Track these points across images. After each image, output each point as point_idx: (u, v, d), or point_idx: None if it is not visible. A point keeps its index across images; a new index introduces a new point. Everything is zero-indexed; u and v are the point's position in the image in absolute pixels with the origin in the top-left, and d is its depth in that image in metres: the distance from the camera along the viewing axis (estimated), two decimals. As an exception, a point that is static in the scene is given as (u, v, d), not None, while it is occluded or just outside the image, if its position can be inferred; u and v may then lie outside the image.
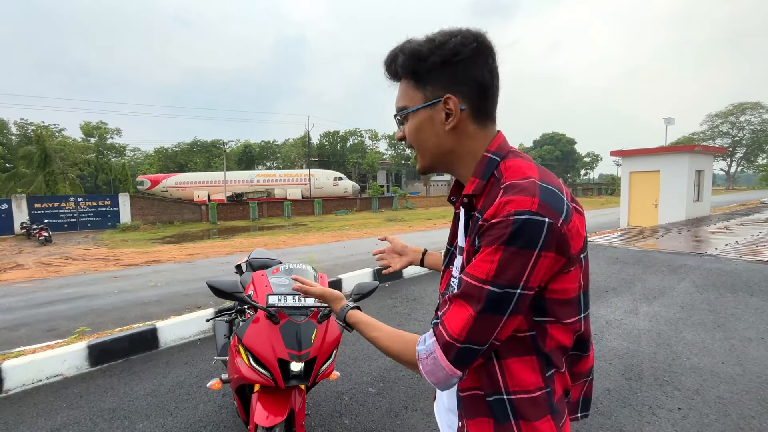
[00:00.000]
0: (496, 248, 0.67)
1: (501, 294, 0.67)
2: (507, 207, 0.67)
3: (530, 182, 0.70)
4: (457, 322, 0.70)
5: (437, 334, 0.73)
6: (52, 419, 2.72)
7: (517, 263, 0.66)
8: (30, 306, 6.88)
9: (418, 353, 0.75)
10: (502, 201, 0.68)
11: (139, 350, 3.73)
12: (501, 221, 0.67)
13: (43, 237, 17.42)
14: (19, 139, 36.47)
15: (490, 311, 0.68)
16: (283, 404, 1.69)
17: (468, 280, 0.70)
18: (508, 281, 0.67)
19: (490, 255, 0.67)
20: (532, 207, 0.66)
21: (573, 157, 71.58)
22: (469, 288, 0.69)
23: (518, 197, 0.67)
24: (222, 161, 39.41)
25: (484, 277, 0.68)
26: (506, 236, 0.66)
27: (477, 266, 0.69)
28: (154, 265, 11.00)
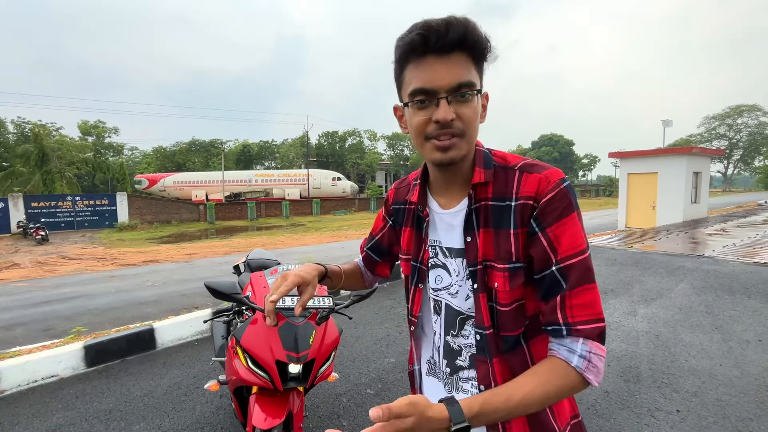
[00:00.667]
0: (573, 216, 0.70)
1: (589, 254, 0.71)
2: (552, 178, 0.71)
3: (534, 161, 0.77)
4: (596, 304, 0.68)
5: (584, 332, 0.67)
6: (47, 420, 2.69)
7: (581, 221, 0.72)
8: (26, 305, 6.84)
9: (579, 368, 0.66)
10: (542, 176, 0.72)
11: (136, 351, 3.71)
12: (556, 193, 0.70)
13: (39, 236, 17.33)
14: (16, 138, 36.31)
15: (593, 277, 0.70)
16: (281, 406, 1.68)
17: (577, 261, 0.68)
18: (587, 241, 0.72)
19: (574, 224, 0.70)
20: (563, 175, 0.73)
21: (571, 159, 71.78)
22: (581, 265, 0.68)
23: (549, 169, 0.73)
24: (220, 161, 39.32)
25: (585, 244, 0.70)
26: (572, 201, 0.70)
27: (572, 239, 0.69)
28: (152, 264, 10.96)
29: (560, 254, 0.69)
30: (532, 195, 0.71)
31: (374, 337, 3.86)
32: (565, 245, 0.69)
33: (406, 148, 53.91)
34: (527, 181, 0.72)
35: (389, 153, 53.95)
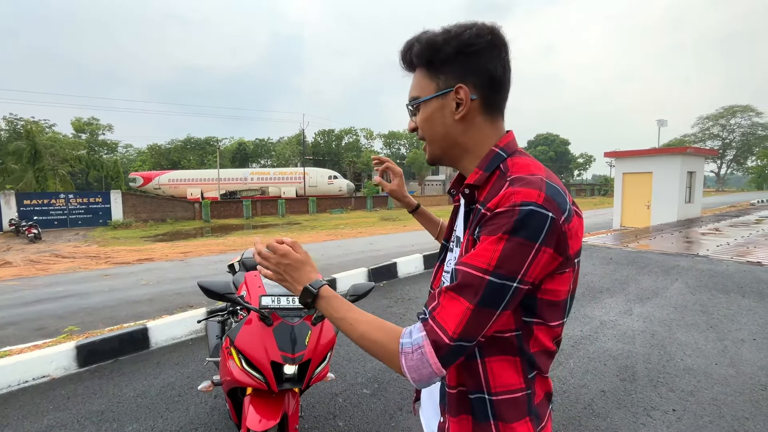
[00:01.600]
0: (500, 237, 0.65)
1: (500, 285, 0.65)
2: (513, 197, 0.67)
3: (537, 178, 0.70)
4: (453, 317, 0.66)
5: (428, 329, 0.68)
6: (38, 422, 2.65)
7: (519, 254, 0.65)
8: (18, 304, 6.75)
9: (402, 346, 0.70)
10: (509, 192, 0.68)
11: (129, 351, 3.66)
12: (506, 210, 0.66)
13: (32, 234, 17.14)
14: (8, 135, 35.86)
15: (486, 304, 0.65)
16: (276, 408, 1.65)
17: (467, 270, 0.67)
18: (508, 271, 0.65)
19: (492, 244, 0.66)
20: (538, 200, 0.66)
21: (567, 158, 72.10)
22: (467, 278, 0.66)
23: (525, 189, 0.67)
24: (216, 159, 39.08)
25: (485, 266, 0.65)
26: (511, 225, 0.65)
27: (478, 255, 0.67)
28: (146, 263, 10.86)
29: (465, 258, 0.69)
30: (492, 206, 0.69)
31: (370, 337, 3.84)
32: (472, 253, 0.68)
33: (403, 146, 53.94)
34: (501, 193, 0.69)
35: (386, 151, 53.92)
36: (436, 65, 0.78)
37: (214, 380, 2.00)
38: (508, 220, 0.65)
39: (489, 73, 0.76)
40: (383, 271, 6.03)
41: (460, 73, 0.76)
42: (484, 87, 0.77)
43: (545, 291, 0.70)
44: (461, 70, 0.76)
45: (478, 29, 0.75)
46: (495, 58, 0.76)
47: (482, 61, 0.76)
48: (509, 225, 0.65)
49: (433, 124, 0.80)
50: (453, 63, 0.76)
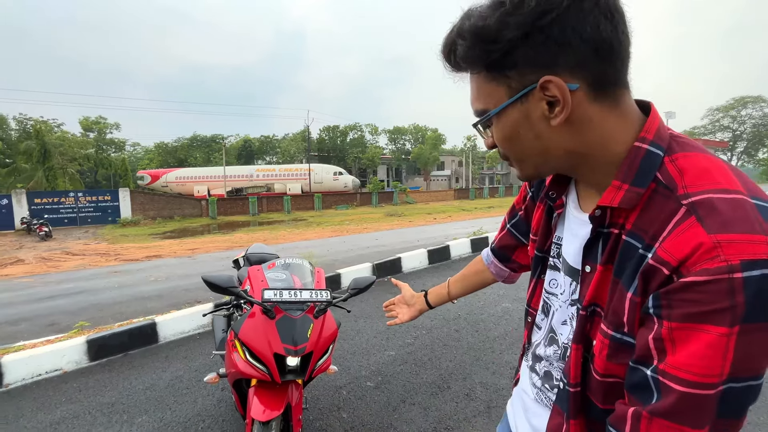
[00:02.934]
0: (726, 333, 0.41)
1: (742, 388, 0.43)
2: (720, 253, 0.42)
3: (740, 201, 0.44)
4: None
5: None
6: (51, 413, 2.73)
7: (763, 344, 0.42)
8: (30, 301, 6.90)
9: None
10: (706, 241, 0.43)
11: (138, 345, 3.74)
12: (714, 281, 0.41)
13: (43, 232, 17.44)
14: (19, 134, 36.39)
15: (727, 414, 0.44)
16: (279, 398, 1.69)
17: (683, 390, 0.44)
18: (750, 371, 0.43)
19: (716, 342, 0.42)
20: (755, 254, 0.41)
21: (574, 152, 71.54)
22: (688, 401, 0.44)
23: (735, 235, 0.42)
24: (222, 156, 39.31)
25: (716, 378, 0.43)
26: (739, 308, 0.41)
27: (692, 362, 0.43)
28: (155, 260, 11.02)
29: (666, 363, 0.45)
30: (673, 261, 0.45)
31: (374, 331, 3.88)
32: (679, 358, 0.44)
33: (408, 142, 53.78)
34: (684, 234, 0.45)
35: (391, 147, 53.83)
36: (498, 62, 0.52)
37: (220, 372, 2.05)
38: (728, 298, 0.41)
39: (590, 40, 0.49)
40: (388, 266, 6.05)
41: (540, 58, 0.50)
42: (587, 64, 0.50)
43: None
44: (542, 54, 0.50)
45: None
46: (591, 13, 0.48)
47: (571, 27, 0.48)
48: (737, 308, 0.41)
49: (519, 140, 0.56)
50: (525, 49, 0.50)
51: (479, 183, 55.38)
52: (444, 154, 52.97)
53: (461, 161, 53.26)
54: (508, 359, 3.16)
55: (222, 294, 1.75)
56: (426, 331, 3.80)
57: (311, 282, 1.96)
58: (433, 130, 50.46)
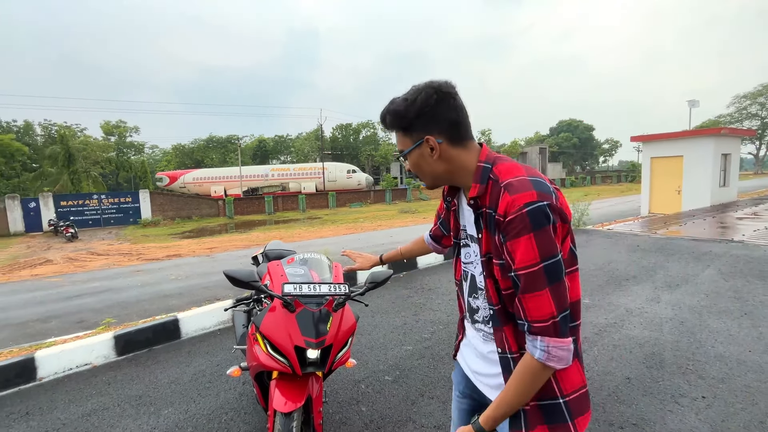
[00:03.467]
0: (528, 237, 0.85)
1: (553, 263, 0.86)
2: (516, 203, 0.87)
3: (524, 178, 0.91)
4: (544, 307, 0.86)
5: (537, 330, 0.87)
6: (83, 405, 2.84)
7: (546, 236, 0.86)
8: (59, 299, 7.17)
9: (540, 359, 0.87)
10: (509, 200, 0.88)
11: (162, 340, 3.85)
12: (517, 216, 0.86)
13: (69, 233, 18.05)
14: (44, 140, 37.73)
15: (554, 280, 0.86)
16: (300, 391, 1.72)
17: (525, 272, 0.87)
18: (550, 252, 0.86)
19: (527, 243, 0.86)
20: (533, 198, 0.86)
21: (591, 144, 69.72)
22: (529, 277, 0.86)
23: (521, 193, 0.87)
24: (237, 156, 39.93)
25: (536, 261, 0.85)
26: (529, 225, 0.85)
27: (523, 258, 0.86)
28: (175, 259, 11.30)
29: (515, 264, 0.88)
30: (501, 213, 0.90)
31: (391, 326, 3.89)
32: (518, 259, 0.87)
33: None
34: (503, 200, 0.90)
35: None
36: (406, 127, 1.02)
37: (242, 366, 2.09)
38: (524, 222, 0.85)
39: (446, 120, 0.98)
40: (403, 261, 6.06)
41: (424, 127, 0.99)
42: (446, 131, 0.99)
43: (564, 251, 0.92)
44: (424, 125, 0.99)
45: (426, 93, 0.97)
46: (446, 108, 0.98)
47: (437, 114, 0.98)
48: (528, 225, 0.85)
49: (420, 167, 1.05)
50: (417, 122, 0.99)
51: (494, 178, 54.53)
52: (458, 149, 52.40)
53: (475, 156, 52.57)
54: (527, 354, 3.13)
55: (243, 288, 1.78)
56: (443, 326, 3.80)
57: (329, 276, 1.99)
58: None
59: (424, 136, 0.99)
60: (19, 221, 21.72)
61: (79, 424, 2.63)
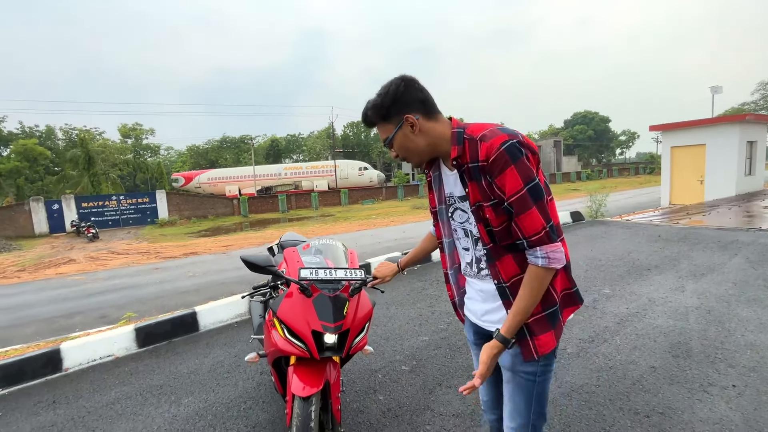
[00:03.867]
0: (511, 168, 1.06)
1: (534, 185, 1.07)
2: (493, 146, 1.07)
3: (493, 128, 1.12)
4: (536, 221, 1.07)
5: (535, 241, 1.08)
6: (107, 394, 2.90)
7: (524, 165, 1.07)
8: (82, 296, 7.38)
9: (543, 266, 1.09)
10: (487, 145, 1.08)
11: (180, 333, 3.91)
12: (498, 154, 1.06)
13: (91, 234, 18.57)
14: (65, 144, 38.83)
15: (538, 199, 1.08)
16: (318, 375, 1.71)
17: (516, 198, 1.07)
18: (529, 177, 1.07)
19: (511, 174, 1.06)
20: (507, 137, 1.07)
21: (607, 136, 68.09)
22: (519, 201, 1.07)
23: (495, 137, 1.08)
24: (251, 156, 40.37)
25: (521, 186, 1.06)
26: (507, 159, 1.06)
27: (512, 186, 1.07)
28: (192, 257, 11.50)
29: (506, 195, 1.08)
30: (483, 159, 1.09)
31: (407, 317, 3.87)
32: (507, 189, 1.07)
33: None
34: (482, 148, 1.09)
35: (415, 140, 53.29)
36: (386, 116, 1.20)
37: (260, 353, 2.10)
38: (504, 157, 1.06)
39: (416, 99, 1.18)
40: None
41: (401, 110, 1.18)
42: (419, 108, 1.18)
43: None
44: (400, 108, 1.18)
45: (395, 83, 1.18)
46: (414, 91, 1.18)
47: (408, 96, 1.18)
48: (507, 159, 1.06)
49: (405, 146, 1.22)
50: (393, 108, 1.18)
51: (507, 173, 53.70)
52: (470, 144, 51.82)
53: (488, 151, 51.94)
54: (547, 343, 3.07)
55: (260, 273, 1.78)
56: (459, 317, 3.75)
57: (345, 262, 1.97)
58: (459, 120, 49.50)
59: (403, 116, 1.18)
60: (44, 223, 22.44)
61: (103, 411, 2.69)
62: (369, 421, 2.31)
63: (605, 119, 67.44)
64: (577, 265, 5.10)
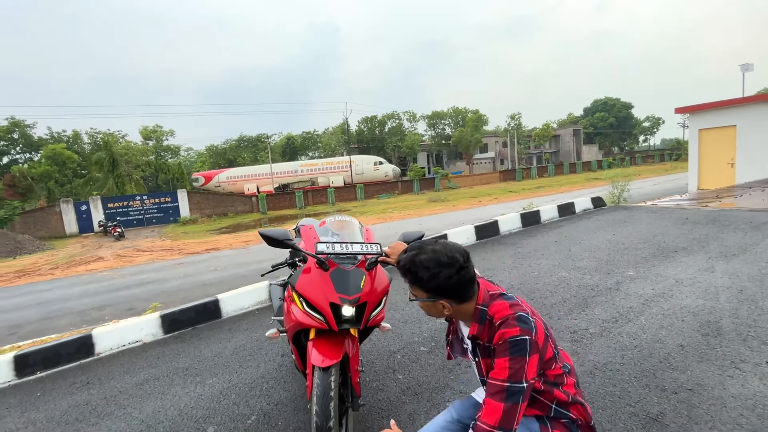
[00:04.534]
0: (506, 359, 1.15)
1: (515, 388, 1.13)
2: (504, 336, 1.17)
3: (511, 317, 1.19)
4: (493, 413, 1.12)
5: (479, 429, 1.13)
6: (136, 376, 3.02)
7: (519, 364, 1.14)
8: (111, 290, 7.68)
9: None
10: (500, 333, 1.18)
11: (204, 320, 4.02)
12: (503, 343, 1.16)
13: (117, 233, 19.25)
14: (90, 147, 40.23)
15: (512, 401, 1.12)
16: (337, 348, 1.72)
17: (494, 382, 1.15)
18: (516, 378, 1.13)
19: (503, 363, 1.15)
20: (518, 332, 1.16)
21: (630, 123, 65.85)
22: (495, 388, 1.14)
23: (511, 329, 1.17)
24: (268, 155, 40.92)
25: (505, 377, 1.14)
26: (507, 350, 1.15)
27: (498, 371, 1.16)
28: (213, 252, 11.77)
29: (491, 374, 1.18)
30: (495, 344, 1.19)
31: (425, 302, 3.86)
32: (494, 370, 1.17)
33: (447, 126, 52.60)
34: (498, 335, 1.18)
35: (430, 133, 52.92)
36: (424, 289, 1.27)
37: (280, 329, 2.14)
38: (506, 346, 1.15)
39: (457, 292, 1.24)
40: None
41: (439, 296, 1.25)
42: (456, 298, 1.25)
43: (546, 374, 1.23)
44: (439, 294, 1.25)
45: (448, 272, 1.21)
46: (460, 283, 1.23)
47: (452, 289, 1.23)
48: (507, 350, 1.15)
49: (429, 311, 1.33)
50: (434, 291, 1.25)
51: (526, 163, 52.73)
52: (487, 135, 51.08)
53: (505, 142, 51.06)
54: (568, 324, 3.01)
55: (278, 247, 1.81)
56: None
57: (361, 238, 1.98)
58: (474, 112, 48.77)
59: (438, 298, 1.26)
60: (74, 223, 23.40)
61: (133, 391, 2.79)
62: (389, 399, 2.32)
63: (627, 105, 65.22)
64: (599, 249, 4.97)
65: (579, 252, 4.96)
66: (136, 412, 2.52)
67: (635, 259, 4.45)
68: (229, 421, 2.30)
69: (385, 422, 2.10)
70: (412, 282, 1.28)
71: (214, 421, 2.32)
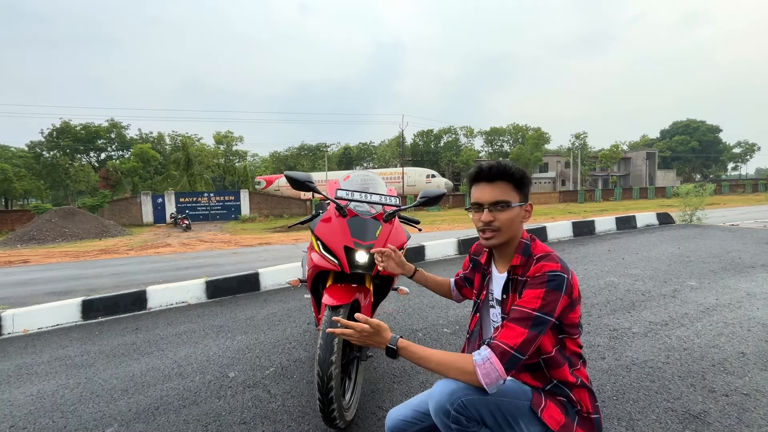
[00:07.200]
0: (541, 291, 1.08)
1: (542, 318, 1.06)
2: (543, 268, 1.11)
3: (553, 254, 1.16)
4: (514, 336, 1.04)
5: (493, 345, 1.05)
6: (177, 327, 3.28)
7: (553, 297, 1.07)
8: (173, 269, 8.40)
9: (475, 361, 1.04)
10: (540, 265, 1.12)
11: (244, 290, 4.26)
12: (541, 275, 1.10)
13: (185, 224, 21.07)
14: (171, 148, 44.74)
15: (535, 329, 1.05)
16: (348, 293, 1.75)
17: (522, 309, 1.08)
18: (547, 309, 1.07)
19: (537, 292, 1.08)
20: (558, 267, 1.11)
21: (716, 148, 59.41)
22: (522, 314, 1.07)
23: (551, 263, 1.12)
24: (325, 163, 42.66)
25: (535, 308, 1.06)
26: (545, 282, 1.09)
27: (529, 301, 1.08)
28: (265, 245, 12.45)
29: (518, 303, 1.10)
30: (530, 275, 1.13)
31: (456, 293, 3.76)
32: (523, 300, 1.09)
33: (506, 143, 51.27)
34: (534, 267, 1.13)
35: (487, 149, 51.93)
36: (517, 185, 1.18)
37: (300, 278, 2.21)
38: (543, 278, 1.09)
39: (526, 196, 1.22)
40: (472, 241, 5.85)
41: (527, 196, 1.21)
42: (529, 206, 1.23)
43: (567, 318, 1.13)
44: (528, 194, 1.21)
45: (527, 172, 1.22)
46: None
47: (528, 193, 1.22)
48: (544, 282, 1.08)
49: (512, 223, 1.18)
50: (526, 188, 1.20)
51: (590, 185, 49.50)
52: (548, 154, 48.98)
53: (568, 162, 48.51)
54: (608, 322, 2.77)
55: (300, 189, 1.90)
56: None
57: (384, 191, 2.01)
58: (536, 129, 47.13)
59: (527, 201, 1.20)
60: (150, 214, 26.00)
61: (172, 339, 3.03)
62: (403, 367, 2.29)
63: (714, 129, 59.08)
64: (658, 260, 4.51)
65: (633, 261, 4.55)
66: (171, 354, 2.73)
67: (700, 271, 3.99)
68: (249, 370, 2.40)
69: (396, 386, 2.08)
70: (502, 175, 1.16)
71: (236, 369, 2.44)
